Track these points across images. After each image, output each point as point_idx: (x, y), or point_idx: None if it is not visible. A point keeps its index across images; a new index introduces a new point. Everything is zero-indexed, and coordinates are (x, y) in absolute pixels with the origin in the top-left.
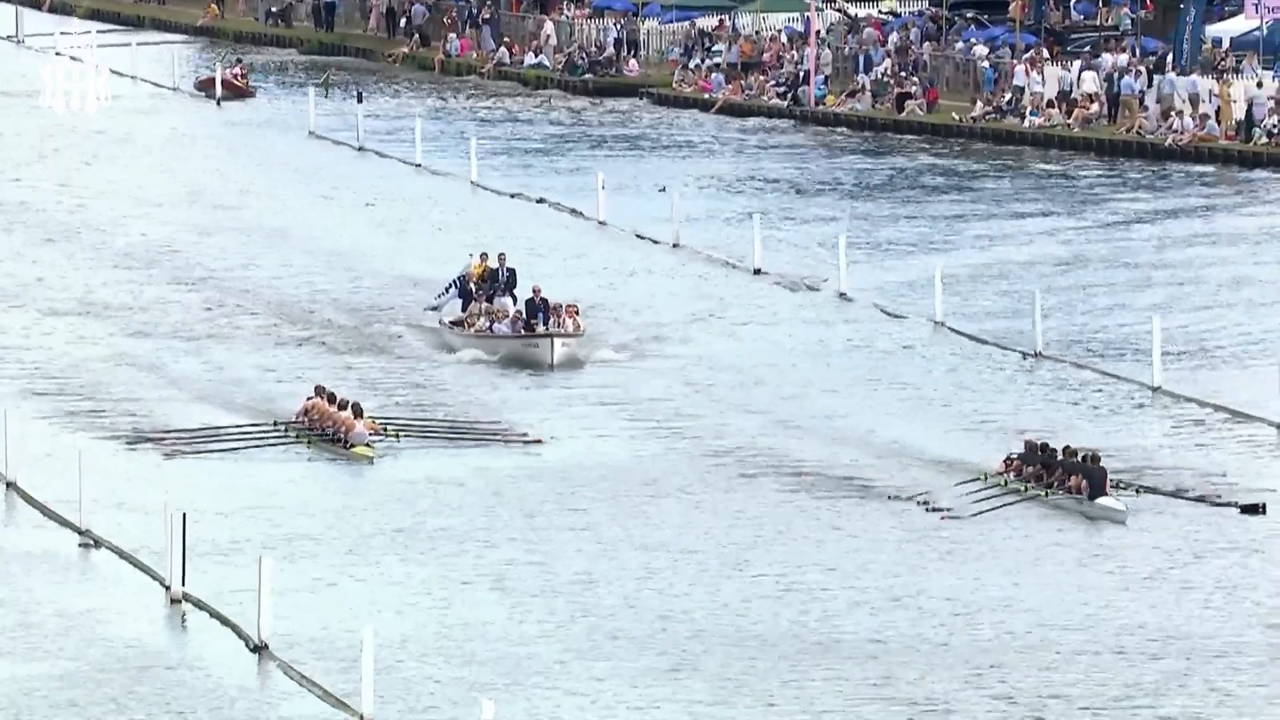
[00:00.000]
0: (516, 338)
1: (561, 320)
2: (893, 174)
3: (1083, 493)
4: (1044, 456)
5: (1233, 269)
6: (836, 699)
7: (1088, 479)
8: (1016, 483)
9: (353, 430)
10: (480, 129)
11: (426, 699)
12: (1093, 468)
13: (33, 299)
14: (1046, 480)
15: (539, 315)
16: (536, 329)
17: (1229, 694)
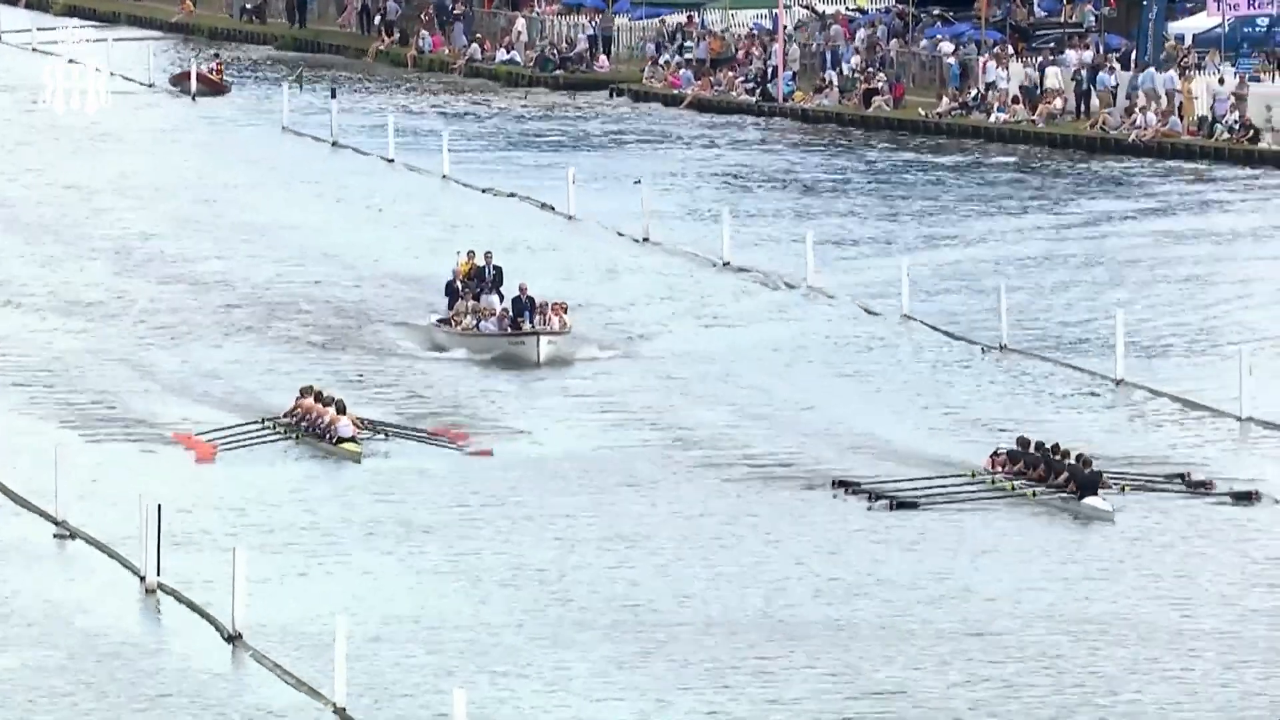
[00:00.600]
0: (503, 336)
1: (548, 318)
2: (860, 169)
3: (1071, 492)
4: (1033, 455)
5: (1194, 263)
6: (799, 685)
7: (1075, 479)
8: (1004, 480)
9: (337, 424)
10: (452, 124)
11: (398, 688)
12: (1081, 468)
13: (8, 293)
14: (1034, 478)
15: (525, 313)
16: (523, 327)
17: (1186, 681)
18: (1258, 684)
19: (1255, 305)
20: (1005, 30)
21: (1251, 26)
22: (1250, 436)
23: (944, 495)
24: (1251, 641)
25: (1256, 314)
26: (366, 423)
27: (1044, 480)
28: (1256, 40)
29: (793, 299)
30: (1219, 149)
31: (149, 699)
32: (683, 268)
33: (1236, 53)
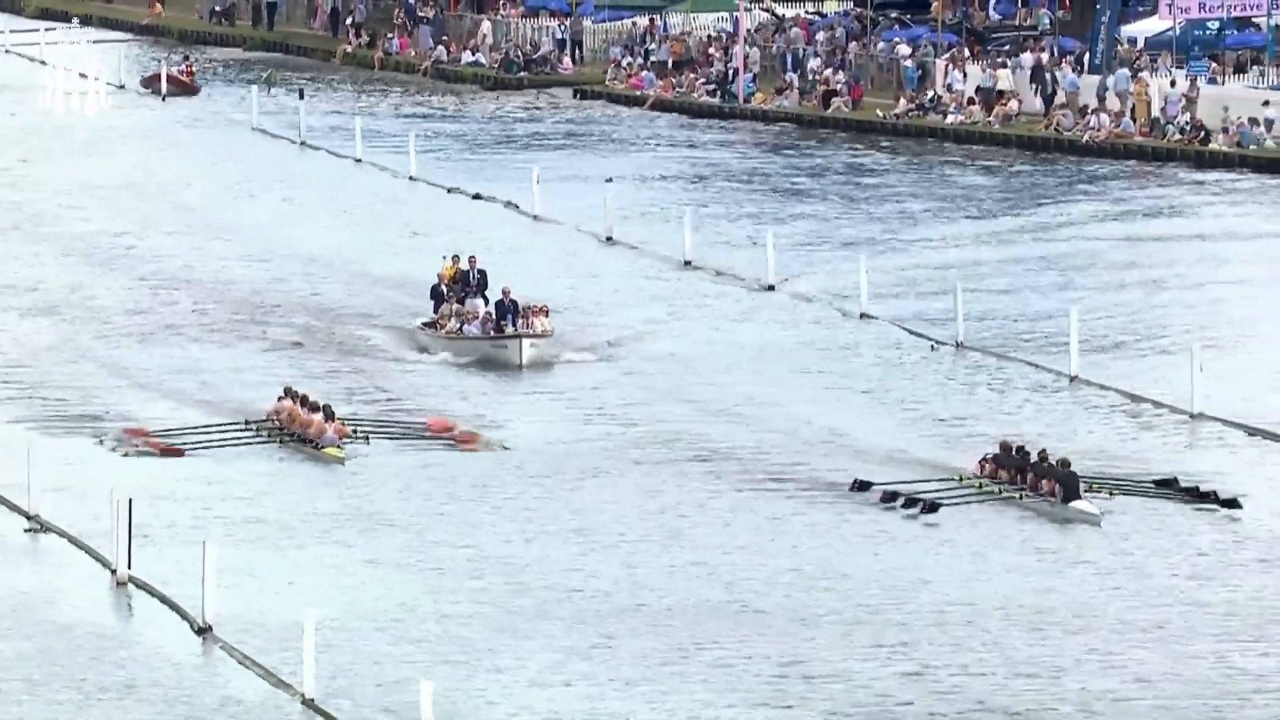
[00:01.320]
0: (486, 339)
1: (530, 321)
2: (819, 169)
3: (1056, 496)
4: (1019, 460)
5: (1146, 262)
6: (756, 672)
7: (1060, 484)
8: (991, 484)
9: (323, 434)
10: (419, 125)
11: (366, 679)
12: (1065, 472)
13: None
14: (1021, 483)
15: (508, 316)
16: (506, 330)
17: (1135, 669)
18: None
19: (1206, 303)
20: (961, 33)
21: (1202, 30)
22: (1201, 432)
23: (931, 497)
24: (1231, 636)
25: (1207, 312)
26: (353, 431)
27: (1029, 485)
28: (1206, 43)
29: (752, 298)
30: (1170, 150)
31: (120, 690)
32: (645, 267)
33: (1187, 56)
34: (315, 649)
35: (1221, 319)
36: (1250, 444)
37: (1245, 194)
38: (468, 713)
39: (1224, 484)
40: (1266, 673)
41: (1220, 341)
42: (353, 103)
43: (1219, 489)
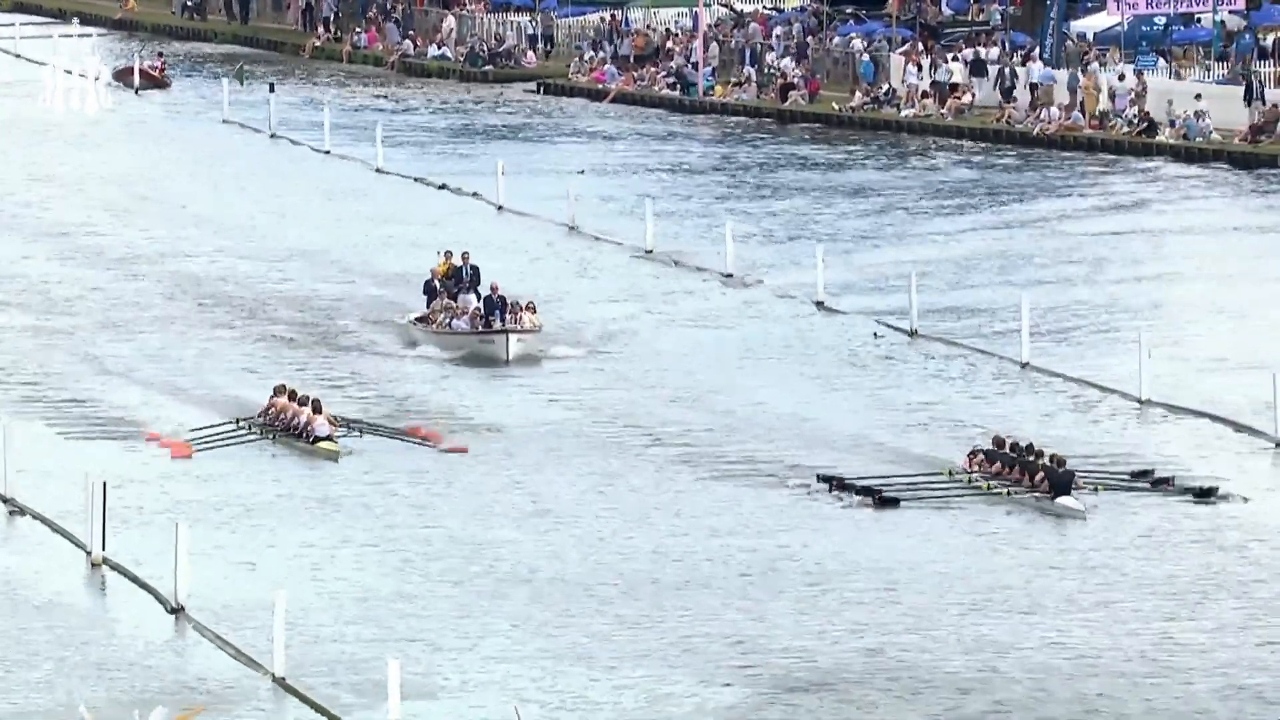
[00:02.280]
0: (474, 334)
1: (518, 317)
2: (777, 161)
3: (1045, 492)
4: (1008, 454)
5: (1096, 251)
6: (716, 648)
7: (1050, 478)
8: (980, 479)
9: (313, 424)
10: (386, 117)
11: (335, 658)
12: (1055, 468)
13: None
14: (1009, 477)
15: (496, 312)
16: (494, 325)
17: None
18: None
19: (1153, 291)
20: (915, 28)
21: (1149, 25)
22: (1149, 417)
23: (919, 492)
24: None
25: (1154, 300)
26: (342, 421)
27: (1019, 480)
28: (1153, 39)
29: (711, 286)
30: (1119, 142)
31: (94, 669)
32: (605, 254)
33: (1135, 50)
34: (285, 629)
35: (1169, 306)
36: (1197, 427)
37: (1191, 185)
38: (433, 689)
39: (1173, 467)
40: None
41: (1167, 328)
42: (321, 96)
43: (1203, 482)
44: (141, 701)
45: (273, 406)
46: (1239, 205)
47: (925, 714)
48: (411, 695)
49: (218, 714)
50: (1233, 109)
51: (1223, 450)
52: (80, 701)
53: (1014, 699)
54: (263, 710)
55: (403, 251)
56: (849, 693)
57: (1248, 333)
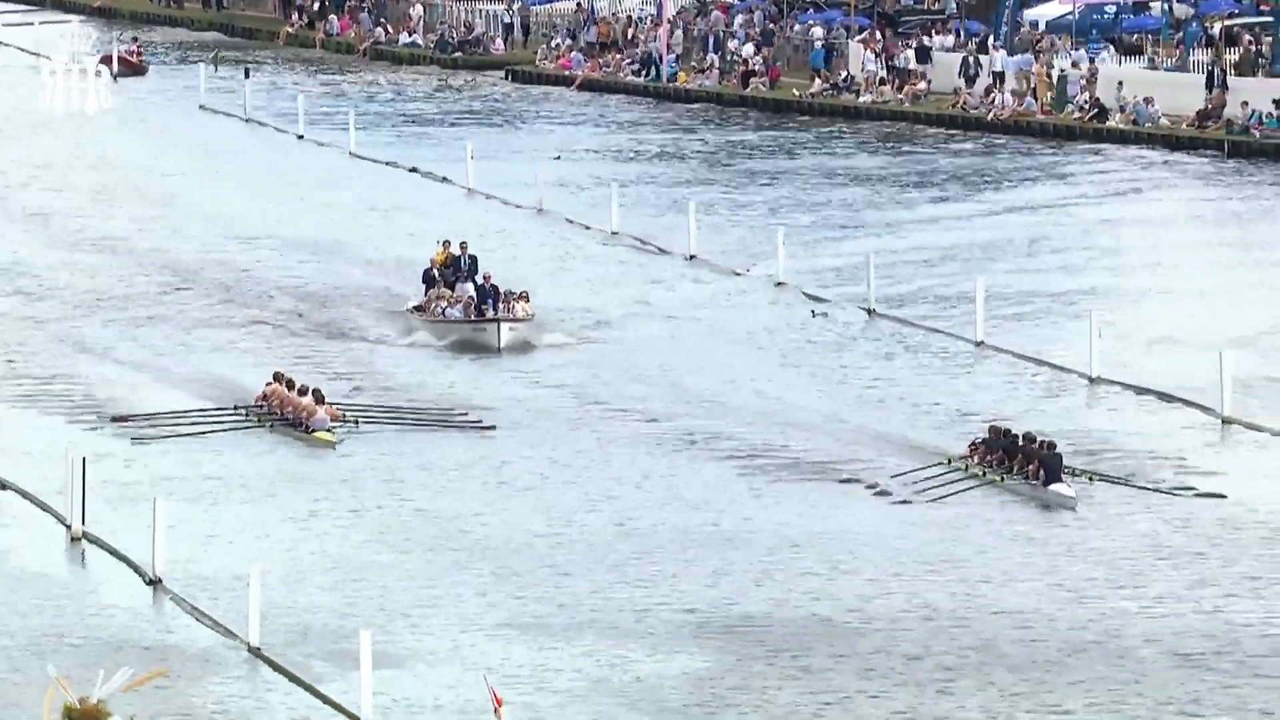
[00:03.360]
0: (467, 322)
1: (511, 306)
2: (738, 145)
3: (1038, 479)
4: (1005, 442)
5: (1049, 232)
6: (678, 621)
7: (1043, 466)
8: (977, 467)
9: (314, 416)
10: (358, 103)
11: (309, 629)
12: (1048, 455)
13: None
14: (1006, 466)
15: (489, 301)
16: (486, 314)
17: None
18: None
19: (1103, 272)
20: (873, 17)
21: (1100, 14)
22: (1099, 394)
23: (916, 481)
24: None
25: (1105, 280)
26: (343, 413)
27: (1015, 467)
28: (1104, 26)
29: (674, 266)
30: (1070, 127)
31: (74, 639)
32: (573, 235)
33: (1086, 38)
34: (260, 600)
35: (1118, 287)
36: (1144, 404)
37: (1140, 168)
38: (404, 658)
39: (1125, 443)
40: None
41: (1117, 308)
42: (296, 81)
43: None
44: (111, 665)
45: (273, 395)
46: (1186, 189)
47: (872, 676)
48: (383, 665)
49: (193, 682)
50: (1181, 95)
51: (1169, 426)
52: (49, 663)
53: (965, 665)
54: (238, 679)
55: (380, 235)
56: (803, 659)
57: (1195, 312)
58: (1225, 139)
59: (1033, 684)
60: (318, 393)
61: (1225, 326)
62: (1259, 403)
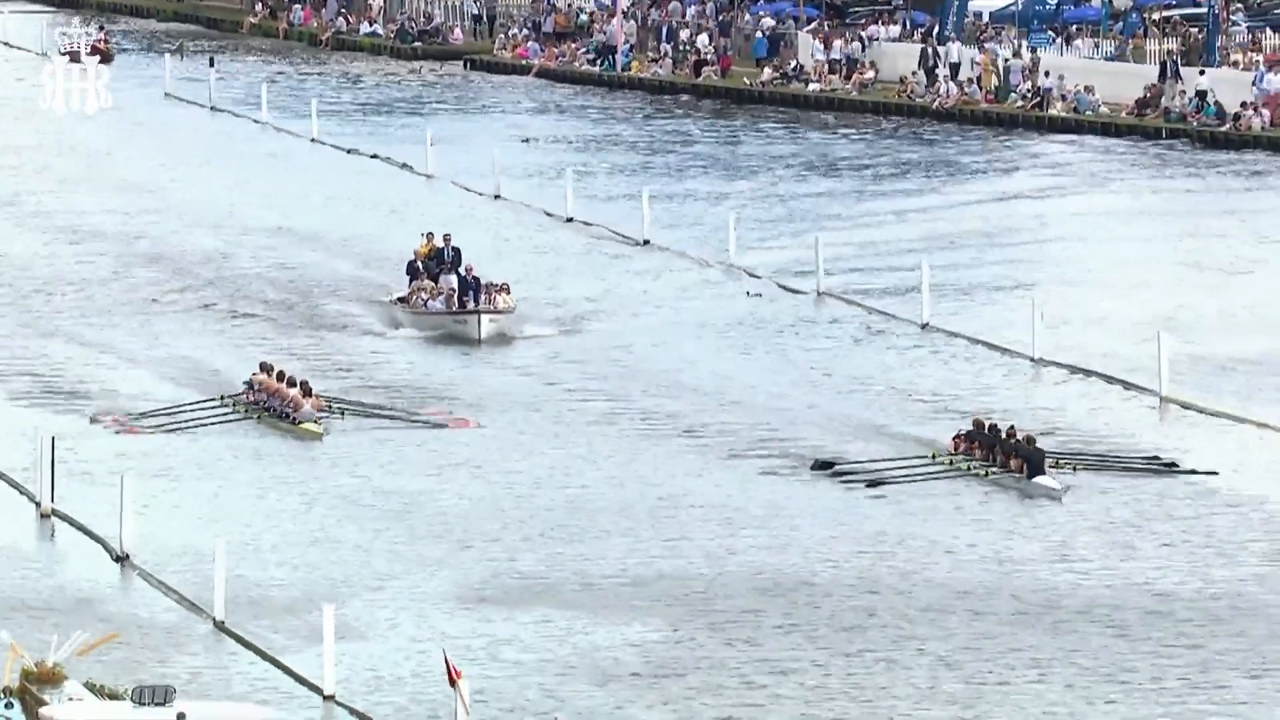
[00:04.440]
0: (448, 314)
1: (492, 298)
2: (690, 133)
3: (1022, 472)
4: (990, 436)
5: (993, 216)
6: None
7: (1026, 460)
8: (962, 460)
9: (300, 408)
10: (320, 91)
11: (273, 603)
12: (1031, 449)
13: None
14: (989, 459)
15: (470, 293)
16: (468, 306)
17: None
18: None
19: (1045, 256)
20: (822, 7)
21: (1042, 4)
22: (1041, 375)
23: (901, 473)
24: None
25: (1046, 264)
26: (328, 403)
27: (997, 460)
28: (1046, 17)
29: (629, 250)
30: (1013, 115)
31: (43, 613)
32: (531, 221)
33: (1029, 28)
34: (225, 576)
35: (1060, 270)
36: (1085, 383)
37: (1081, 155)
38: (365, 631)
39: (1067, 423)
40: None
41: (1059, 291)
42: (259, 70)
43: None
44: (66, 631)
45: (261, 386)
46: (1126, 175)
47: (818, 645)
48: (344, 638)
49: (159, 654)
50: (1120, 84)
51: (1109, 406)
52: (2, 629)
53: (911, 634)
54: (203, 651)
55: (343, 220)
56: (749, 629)
57: (1134, 295)
58: (1164, 127)
59: (974, 654)
60: (305, 384)
61: (1163, 309)
62: (1195, 382)
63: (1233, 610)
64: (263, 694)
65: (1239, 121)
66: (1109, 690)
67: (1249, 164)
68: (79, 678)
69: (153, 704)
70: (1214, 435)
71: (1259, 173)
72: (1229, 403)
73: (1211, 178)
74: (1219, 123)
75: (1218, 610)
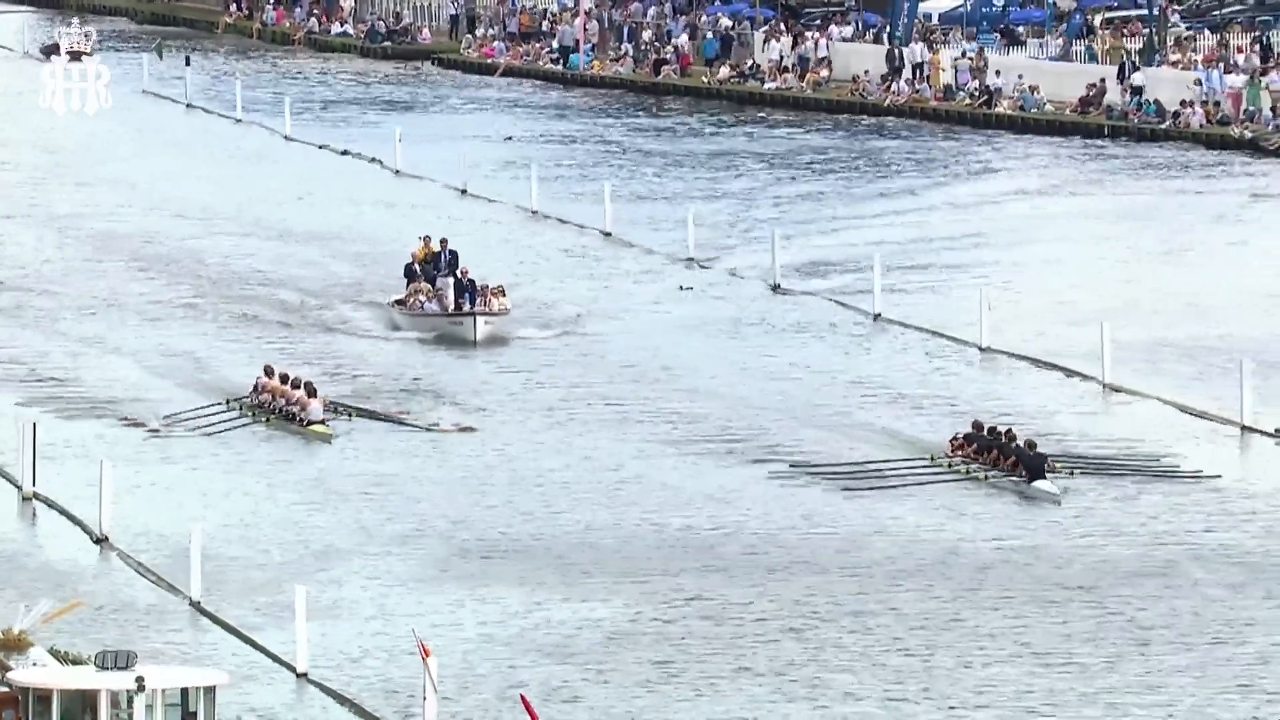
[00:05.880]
0: (444, 316)
1: (487, 300)
2: (650, 128)
3: (1022, 475)
4: (987, 439)
5: (942, 210)
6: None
7: (1025, 463)
8: (960, 463)
9: (308, 408)
10: (293, 89)
11: (247, 584)
12: (1030, 453)
13: None
14: (988, 461)
15: (466, 295)
16: (463, 308)
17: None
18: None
19: (992, 247)
20: (777, 8)
21: (989, 6)
22: (989, 363)
23: (900, 476)
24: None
25: (993, 255)
26: (332, 404)
27: (996, 463)
28: (993, 18)
29: (590, 241)
30: (961, 113)
31: (23, 593)
32: (495, 214)
33: (976, 29)
34: (201, 557)
35: (1007, 262)
36: (1031, 372)
37: (1026, 151)
38: (337, 611)
39: (1015, 409)
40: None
41: (1006, 283)
42: (234, 68)
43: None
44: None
45: (265, 389)
46: (1070, 170)
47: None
48: (317, 617)
49: (137, 633)
50: (1064, 83)
51: (1055, 392)
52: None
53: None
54: (180, 630)
55: (316, 214)
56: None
57: (1078, 286)
58: (1106, 124)
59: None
60: (310, 385)
61: (1105, 298)
62: (1136, 369)
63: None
64: (238, 671)
65: (1178, 119)
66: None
67: (1188, 160)
68: (44, 645)
69: (115, 668)
70: (1156, 420)
71: (1194, 167)
72: (1167, 389)
73: (1151, 172)
74: (1159, 120)
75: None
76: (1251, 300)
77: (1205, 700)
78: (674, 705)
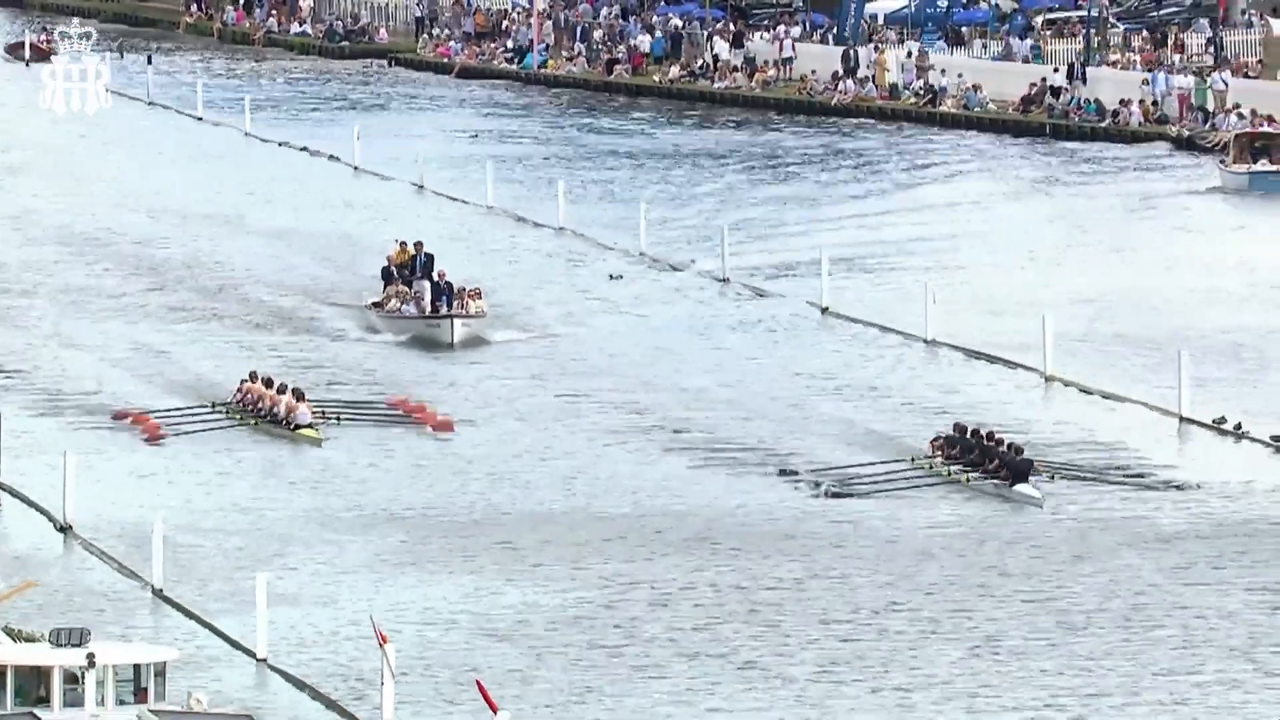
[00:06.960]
0: (421, 319)
1: (464, 302)
2: (603, 127)
3: (1004, 479)
4: (969, 441)
5: (888, 206)
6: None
7: (1008, 467)
8: (941, 466)
9: (295, 412)
10: (253, 87)
11: (209, 572)
12: (1014, 456)
13: None
14: (969, 464)
15: (443, 298)
16: (440, 311)
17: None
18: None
19: (936, 241)
20: (726, 8)
21: (933, 7)
22: (934, 354)
23: (882, 479)
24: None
25: (939, 250)
26: (321, 409)
27: (978, 466)
28: (937, 19)
29: (545, 235)
30: (906, 111)
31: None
32: (453, 209)
33: (921, 29)
34: (163, 545)
35: (951, 257)
36: (975, 364)
37: (970, 149)
38: (297, 598)
39: (958, 400)
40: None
41: (950, 276)
42: (195, 68)
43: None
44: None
45: (249, 393)
46: (1012, 167)
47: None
48: (277, 604)
49: (99, 620)
50: (1006, 82)
51: (997, 383)
52: None
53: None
54: (142, 617)
55: (277, 209)
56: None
57: (1020, 280)
58: (1047, 122)
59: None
60: (297, 390)
61: (1047, 292)
62: (1077, 361)
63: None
64: (198, 656)
65: (1118, 118)
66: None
67: (1127, 158)
68: (1, 625)
69: (69, 645)
70: (1094, 411)
71: (1133, 164)
72: (1108, 380)
73: (1091, 169)
74: (1099, 119)
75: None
76: (1190, 294)
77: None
78: (623, 685)
